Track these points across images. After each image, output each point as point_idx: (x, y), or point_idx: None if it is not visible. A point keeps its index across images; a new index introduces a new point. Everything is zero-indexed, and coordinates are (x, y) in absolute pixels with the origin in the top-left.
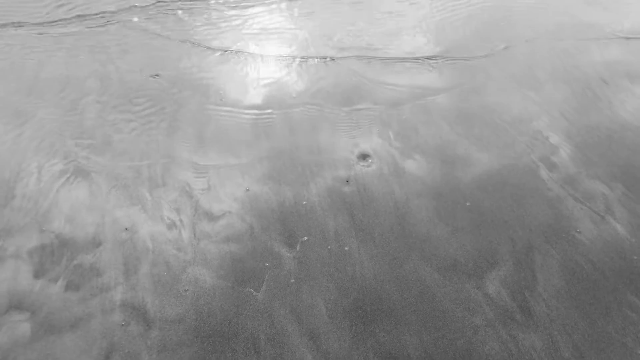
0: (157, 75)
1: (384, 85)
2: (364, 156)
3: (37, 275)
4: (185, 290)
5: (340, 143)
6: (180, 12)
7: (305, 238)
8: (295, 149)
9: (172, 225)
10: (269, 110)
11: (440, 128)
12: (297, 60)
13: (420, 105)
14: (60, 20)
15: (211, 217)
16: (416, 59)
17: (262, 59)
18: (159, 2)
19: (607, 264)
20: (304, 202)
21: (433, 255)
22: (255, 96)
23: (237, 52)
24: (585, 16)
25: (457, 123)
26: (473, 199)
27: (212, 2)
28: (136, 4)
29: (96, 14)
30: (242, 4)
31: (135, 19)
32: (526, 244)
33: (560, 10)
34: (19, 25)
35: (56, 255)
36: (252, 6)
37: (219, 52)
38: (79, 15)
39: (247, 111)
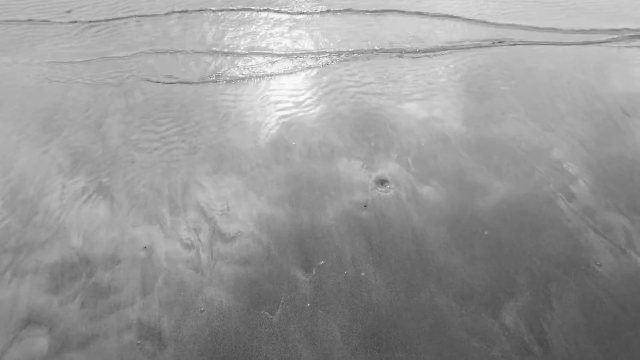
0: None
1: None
2: (381, 181)
3: (55, 291)
4: (201, 311)
5: (358, 167)
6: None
7: (322, 262)
8: (313, 172)
9: (190, 246)
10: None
11: (459, 155)
12: None
13: (439, 132)
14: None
15: (228, 238)
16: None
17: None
18: None
19: (628, 299)
20: (321, 226)
21: (450, 284)
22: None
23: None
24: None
25: (476, 151)
26: (491, 227)
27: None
28: None
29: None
30: None
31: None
32: (544, 275)
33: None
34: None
35: (75, 271)
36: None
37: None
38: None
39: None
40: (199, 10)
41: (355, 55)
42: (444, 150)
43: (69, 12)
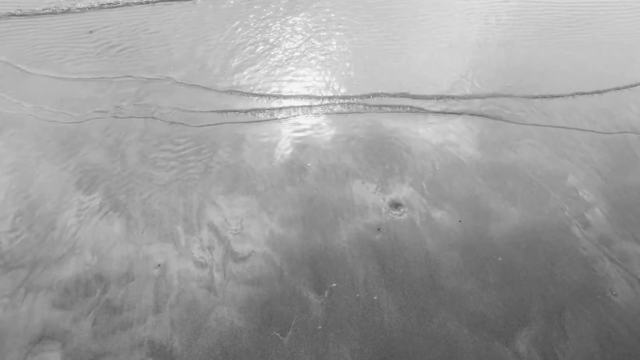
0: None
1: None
2: (395, 205)
3: (69, 306)
4: (213, 331)
5: (372, 190)
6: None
7: (334, 284)
8: (327, 194)
9: (203, 265)
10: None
11: (473, 180)
12: None
13: (454, 156)
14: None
15: (241, 258)
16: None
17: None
18: None
19: None
20: (334, 248)
21: (463, 310)
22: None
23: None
24: (629, 72)
25: (491, 176)
26: (505, 254)
27: None
28: None
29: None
30: None
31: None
32: (559, 303)
33: (600, 65)
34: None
35: (89, 288)
36: None
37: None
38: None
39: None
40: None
41: None
42: (459, 175)
43: (91, 32)
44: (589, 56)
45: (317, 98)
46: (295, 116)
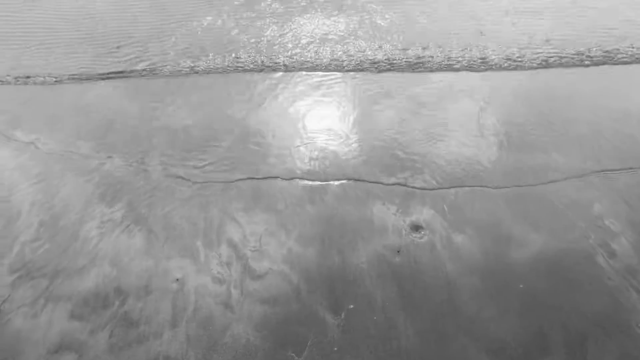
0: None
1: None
2: (416, 227)
3: (87, 318)
4: (228, 347)
5: (393, 212)
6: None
7: (352, 306)
8: (347, 214)
9: (221, 281)
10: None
11: (495, 204)
12: None
13: (477, 181)
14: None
15: (259, 275)
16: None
17: None
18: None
19: None
20: (353, 269)
21: (482, 336)
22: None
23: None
24: None
25: (514, 201)
26: (526, 280)
27: None
28: None
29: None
30: None
31: None
32: (581, 334)
33: (622, 96)
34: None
35: (108, 300)
36: None
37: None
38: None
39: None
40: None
41: None
42: (481, 199)
43: (118, 48)
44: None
45: None
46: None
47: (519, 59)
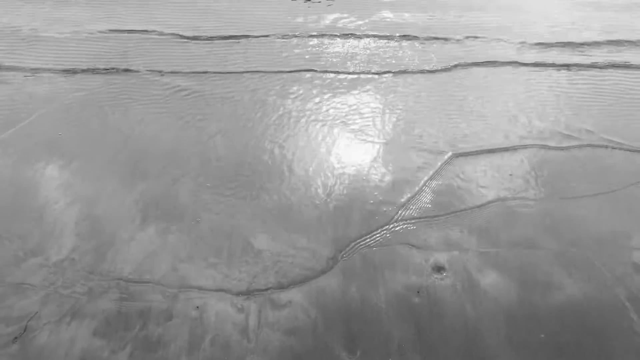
0: None
1: None
2: (438, 268)
3: (109, 337)
4: None
5: (415, 250)
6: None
7: (367, 345)
8: (369, 250)
9: (240, 309)
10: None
11: (522, 246)
12: None
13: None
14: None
15: (278, 305)
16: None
17: None
18: None
19: None
20: (371, 307)
21: None
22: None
23: None
24: None
25: (543, 243)
26: (549, 330)
27: None
28: None
29: None
30: None
31: None
32: None
33: None
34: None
35: (130, 322)
36: None
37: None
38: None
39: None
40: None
41: None
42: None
43: (162, 75)
44: None
45: None
46: None
47: None
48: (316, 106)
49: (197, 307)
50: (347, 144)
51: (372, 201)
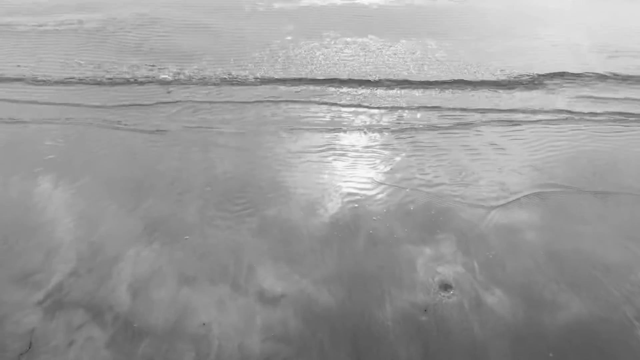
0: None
1: None
2: (445, 286)
3: (114, 355)
4: None
5: (422, 269)
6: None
7: None
8: (376, 268)
9: (245, 328)
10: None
11: (528, 266)
12: None
13: (510, 240)
14: None
15: (283, 324)
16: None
17: None
18: None
19: None
20: (378, 325)
21: None
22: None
23: None
24: None
25: (547, 264)
26: (556, 349)
27: None
28: None
29: None
30: None
31: None
32: None
33: None
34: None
35: (135, 340)
36: None
37: None
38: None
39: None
40: None
41: None
42: (514, 259)
43: (169, 92)
44: None
45: None
46: None
47: None
48: None
49: (204, 324)
50: None
51: None
